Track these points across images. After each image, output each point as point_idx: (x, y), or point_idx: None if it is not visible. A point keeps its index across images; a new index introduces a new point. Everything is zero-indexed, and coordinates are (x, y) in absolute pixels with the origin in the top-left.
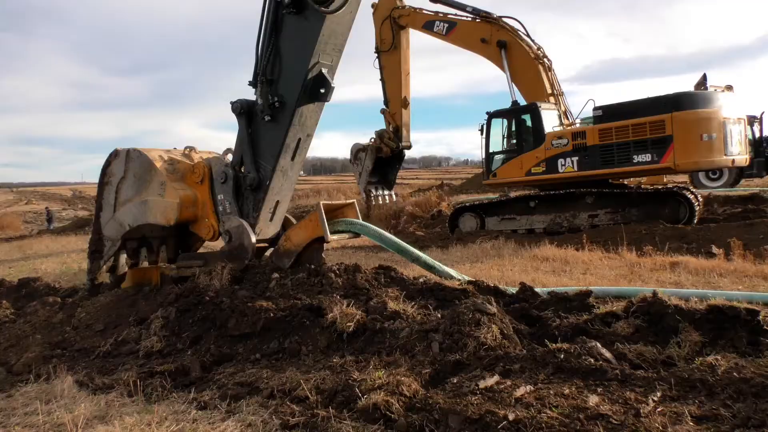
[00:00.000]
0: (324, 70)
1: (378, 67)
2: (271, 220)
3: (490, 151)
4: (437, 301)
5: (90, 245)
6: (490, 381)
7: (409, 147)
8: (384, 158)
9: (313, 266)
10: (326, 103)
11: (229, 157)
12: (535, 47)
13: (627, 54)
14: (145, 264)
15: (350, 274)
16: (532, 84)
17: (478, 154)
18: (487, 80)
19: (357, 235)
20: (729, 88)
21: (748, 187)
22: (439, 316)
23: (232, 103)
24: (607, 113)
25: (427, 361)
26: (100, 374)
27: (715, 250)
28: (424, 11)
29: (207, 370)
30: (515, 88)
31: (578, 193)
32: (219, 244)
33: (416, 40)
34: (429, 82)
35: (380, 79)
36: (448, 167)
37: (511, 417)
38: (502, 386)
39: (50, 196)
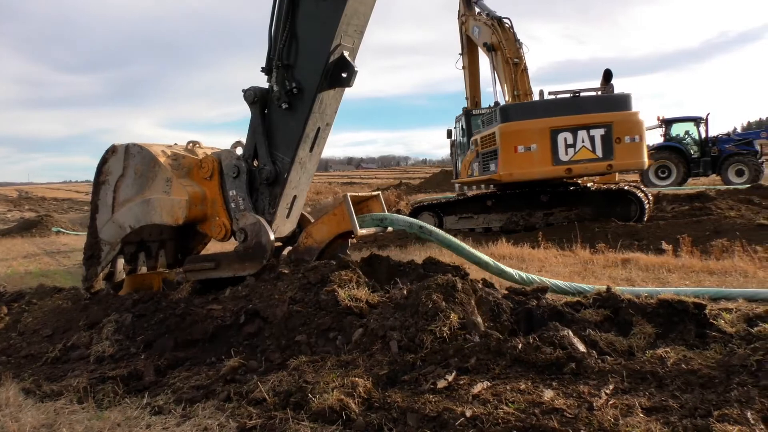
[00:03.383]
0: (345, 53)
1: (461, 67)
2: (287, 216)
3: (457, 153)
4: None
5: (86, 250)
6: (449, 377)
7: None
8: None
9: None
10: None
11: (239, 150)
12: (516, 48)
13: (581, 56)
14: (143, 270)
15: (308, 272)
16: (508, 86)
17: (437, 154)
18: (446, 80)
19: (385, 229)
20: (606, 88)
21: (695, 185)
22: (405, 293)
23: (245, 91)
24: (484, 122)
25: (386, 360)
26: (48, 381)
27: (664, 246)
28: (474, 16)
29: (161, 374)
30: (499, 90)
31: (533, 192)
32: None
33: (374, 39)
34: (388, 82)
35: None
36: (406, 166)
37: (468, 413)
38: (460, 382)
39: None
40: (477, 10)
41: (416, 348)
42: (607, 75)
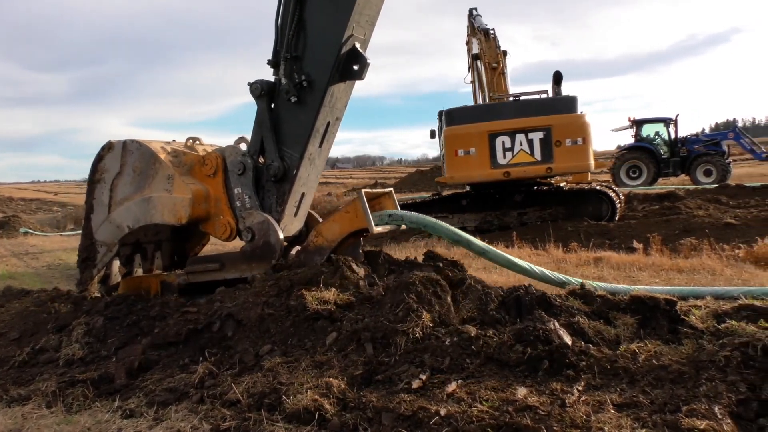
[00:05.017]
0: (357, 45)
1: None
2: (295, 214)
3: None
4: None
5: (80, 252)
6: (423, 377)
7: None
8: None
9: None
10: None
11: (243, 146)
12: (495, 53)
13: (554, 57)
14: (139, 272)
15: (279, 279)
16: (487, 89)
17: (412, 154)
18: (419, 81)
19: (398, 226)
20: (544, 92)
21: (665, 185)
22: (382, 291)
23: (251, 84)
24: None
25: (361, 361)
26: (15, 385)
27: (635, 245)
28: (475, 35)
29: (133, 377)
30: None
31: (507, 192)
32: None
33: None
34: (362, 82)
35: None
36: (382, 166)
37: (442, 412)
38: (435, 381)
39: None
40: (476, 25)
41: (390, 348)
42: (557, 77)
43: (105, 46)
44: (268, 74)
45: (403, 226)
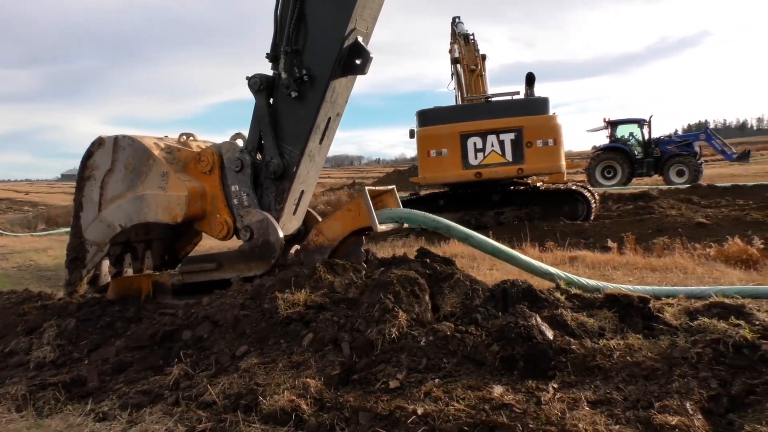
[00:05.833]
0: (359, 38)
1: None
2: (294, 213)
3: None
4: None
5: (69, 252)
6: (400, 376)
7: None
8: None
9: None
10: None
11: (239, 142)
12: (474, 56)
13: (529, 58)
14: (129, 272)
15: (255, 285)
16: (464, 91)
17: (390, 153)
18: (399, 81)
19: (401, 225)
20: (516, 93)
21: (638, 185)
22: (358, 291)
23: (249, 79)
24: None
25: (338, 361)
26: None
27: (610, 244)
28: (456, 42)
29: (106, 380)
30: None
31: (485, 192)
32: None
33: None
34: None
35: None
36: (360, 166)
37: (420, 411)
38: (411, 380)
39: None
40: (457, 31)
41: (367, 349)
42: (530, 78)
43: (76, 42)
44: (244, 73)
45: (406, 225)
